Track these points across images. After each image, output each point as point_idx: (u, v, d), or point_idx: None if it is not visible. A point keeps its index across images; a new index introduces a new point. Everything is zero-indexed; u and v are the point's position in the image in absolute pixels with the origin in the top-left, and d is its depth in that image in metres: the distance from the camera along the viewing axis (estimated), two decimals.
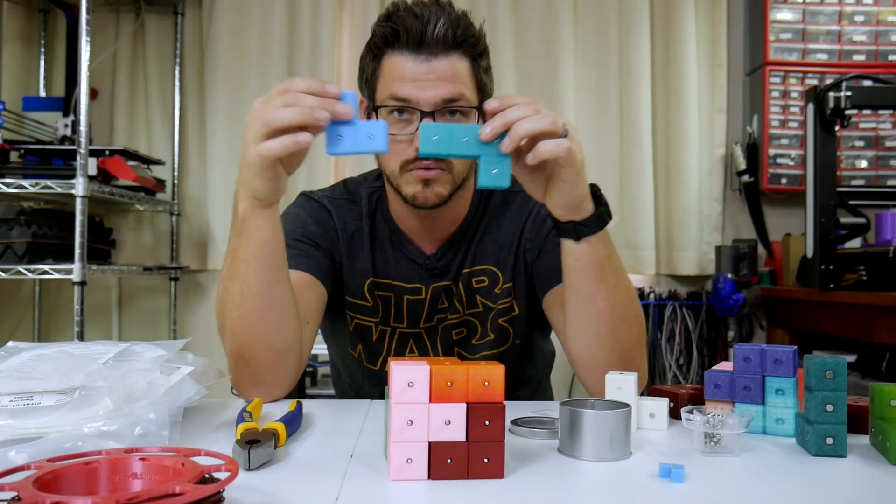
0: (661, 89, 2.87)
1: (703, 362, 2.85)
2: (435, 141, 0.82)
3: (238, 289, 0.93)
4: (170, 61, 2.80)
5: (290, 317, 0.97)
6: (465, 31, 1.04)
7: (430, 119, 1.01)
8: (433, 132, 0.82)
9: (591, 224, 0.92)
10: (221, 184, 2.73)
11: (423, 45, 1.02)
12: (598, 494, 0.63)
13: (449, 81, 1.02)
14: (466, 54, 1.05)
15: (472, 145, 0.82)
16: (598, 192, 0.94)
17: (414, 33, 1.01)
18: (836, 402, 0.73)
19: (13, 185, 2.08)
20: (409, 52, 1.02)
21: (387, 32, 1.03)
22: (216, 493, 0.52)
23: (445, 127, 0.83)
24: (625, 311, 0.98)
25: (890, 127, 2.83)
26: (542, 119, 0.82)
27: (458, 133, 0.82)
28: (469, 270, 1.16)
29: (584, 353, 1.01)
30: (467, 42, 1.04)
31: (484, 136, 0.82)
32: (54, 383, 0.73)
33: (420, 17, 1.01)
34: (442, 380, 0.64)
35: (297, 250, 1.10)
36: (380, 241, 1.18)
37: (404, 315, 1.16)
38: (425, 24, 1.01)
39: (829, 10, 2.83)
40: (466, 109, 1.05)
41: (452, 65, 1.03)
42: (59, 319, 2.79)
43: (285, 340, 0.97)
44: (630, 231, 2.83)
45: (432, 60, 1.02)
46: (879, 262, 2.13)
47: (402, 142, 1.04)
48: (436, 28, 1.01)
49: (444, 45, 1.02)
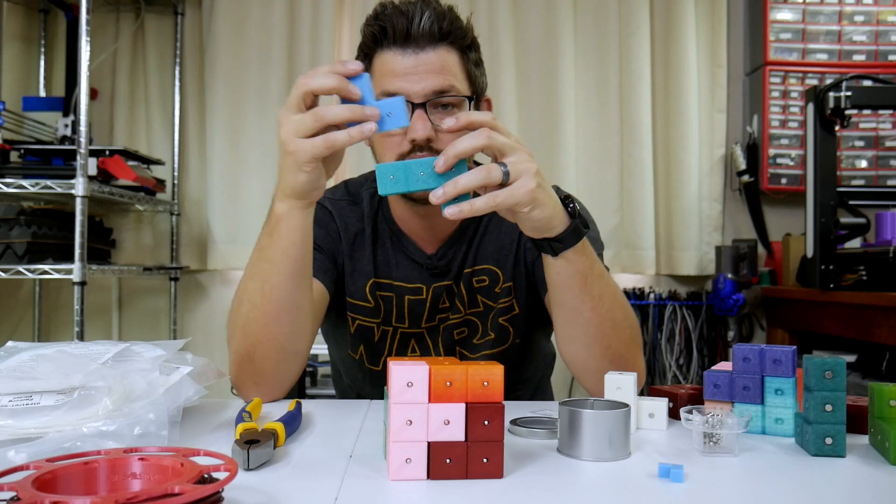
0: (661, 89, 2.87)
1: (703, 362, 2.85)
2: (392, 181, 0.82)
3: (259, 288, 0.94)
4: (170, 61, 2.80)
5: (306, 322, 0.98)
6: (451, 24, 1.05)
7: (421, 110, 1.02)
8: (389, 172, 0.82)
9: (566, 239, 0.91)
10: (221, 184, 2.73)
11: (410, 40, 1.03)
12: (598, 494, 0.63)
13: (438, 73, 1.03)
14: (454, 46, 1.06)
15: (431, 178, 0.83)
16: (570, 203, 0.93)
17: (400, 29, 1.03)
18: (835, 402, 0.73)
19: (13, 185, 2.08)
20: (398, 47, 1.04)
21: (375, 31, 1.05)
22: (215, 492, 0.52)
23: (400, 165, 0.83)
24: (613, 318, 0.98)
25: (890, 127, 2.83)
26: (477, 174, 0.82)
27: (415, 168, 0.83)
28: (470, 270, 1.16)
29: (577, 360, 1.02)
30: (454, 34, 1.05)
31: (438, 168, 0.82)
32: (54, 383, 0.73)
33: (406, 13, 1.03)
34: (441, 380, 0.64)
35: None
36: (381, 241, 1.18)
37: (406, 315, 1.16)
38: (411, 19, 1.02)
39: (829, 10, 2.83)
40: (457, 100, 1.05)
41: (441, 57, 1.04)
42: (59, 319, 2.79)
43: (297, 345, 0.98)
44: (630, 231, 2.82)
45: (420, 53, 1.03)
46: (879, 262, 2.13)
47: (395, 135, 1.04)
48: (421, 21, 1.02)
49: (430, 38, 1.03)
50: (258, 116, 2.73)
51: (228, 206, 2.73)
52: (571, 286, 0.95)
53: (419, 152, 1.03)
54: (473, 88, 1.09)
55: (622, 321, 1.00)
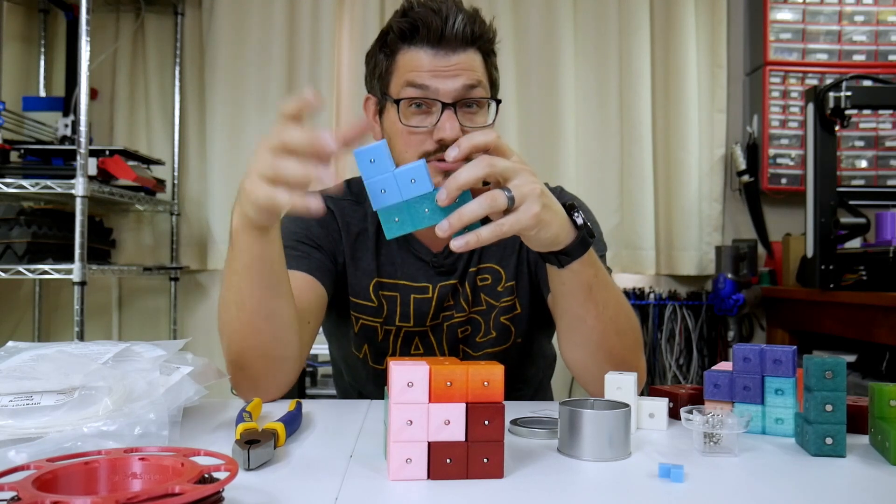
0: (661, 89, 2.87)
1: (703, 362, 2.85)
2: (398, 223, 0.80)
3: (234, 299, 0.92)
4: (170, 61, 2.80)
5: (287, 330, 0.96)
6: (481, 28, 1.05)
7: (450, 110, 1.01)
8: (393, 215, 0.80)
9: (572, 251, 0.90)
10: (221, 184, 2.73)
11: (443, 41, 1.02)
12: (598, 494, 0.63)
13: (467, 76, 1.03)
14: (481, 50, 1.07)
15: (436, 213, 0.80)
16: (575, 213, 0.90)
17: (434, 28, 1.02)
18: (835, 402, 0.73)
19: (13, 185, 2.08)
20: (429, 47, 1.03)
21: (404, 28, 1.03)
22: (215, 492, 0.52)
23: (403, 206, 0.79)
24: (616, 324, 0.98)
25: (890, 127, 2.83)
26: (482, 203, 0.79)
27: (417, 206, 0.80)
28: (475, 269, 1.17)
29: (580, 364, 1.02)
30: (483, 38, 1.06)
31: (441, 203, 0.79)
32: (54, 383, 0.73)
33: (438, 12, 1.02)
34: (441, 380, 0.64)
35: (300, 252, 1.11)
36: (385, 240, 1.18)
37: (411, 314, 1.16)
38: (444, 19, 1.02)
39: (829, 10, 2.83)
40: (482, 102, 1.05)
41: (470, 59, 1.05)
42: (59, 319, 2.79)
43: (282, 351, 0.97)
44: (630, 231, 2.83)
45: (451, 56, 1.03)
46: (879, 262, 2.13)
47: (420, 133, 1.03)
48: (455, 24, 1.02)
49: (462, 40, 1.03)
50: (258, 116, 2.73)
51: (228, 206, 2.72)
52: (576, 295, 0.95)
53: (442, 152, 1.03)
54: (493, 91, 1.10)
55: (625, 326, 1.00)
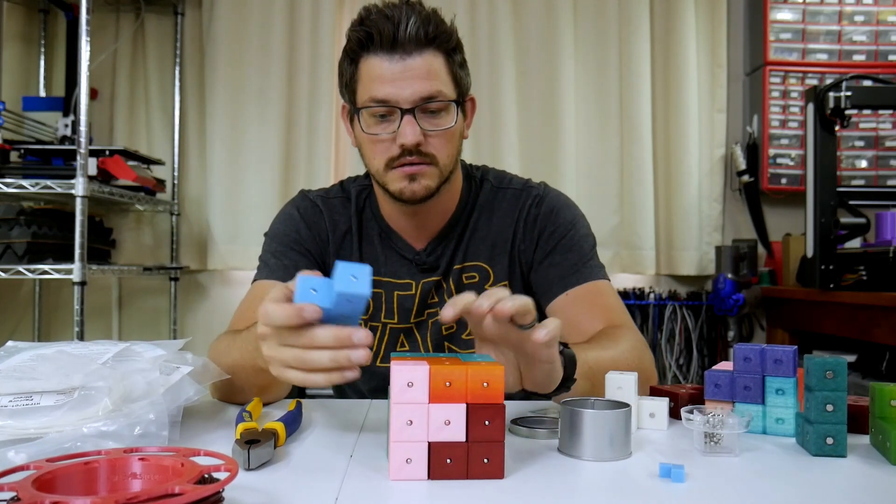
0: (661, 89, 2.87)
1: (703, 362, 2.85)
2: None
3: (230, 364, 0.92)
4: (170, 61, 2.80)
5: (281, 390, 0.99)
6: (436, 28, 1.05)
7: (410, 115, 1.03)
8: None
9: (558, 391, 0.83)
10: (221, 184, 2.73)
11: (397, 45, 1.03)
12: (598, 494, 0.63)
13: (425, 79, 1.04)
14: (440, 50, 1.07)
15: None
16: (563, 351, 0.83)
17: (387, 34, 1.03)
18: (836, 401, 0.73)
19: (13, 185, 2.08)
20: (385, 53, 1.04)
21: (361, 36, 1.05)
22: (216, 493, 0.51)
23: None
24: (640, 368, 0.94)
25: (890, 127, 2.83)
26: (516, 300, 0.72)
27: None
28: (460, 266, 1.18)
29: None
30: (440, 38, 1.06)
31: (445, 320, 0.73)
32: (54, 383, 0.73)
33: (391, 18, 1.03)
34: (441, 380, 0.64)
35: (288, 259, 1.15)
36: (369, 238, 1.20)
37: (395, 310, 1.18)
38: (397, 24, 1.02)
39: (829, 10, 2.83)
40: (444, 105, 1.06)
41: (427, 62, 1.05)
42: (59, 319, 2.79)
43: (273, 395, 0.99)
44: (630, 231, 2.82)
45: (407, 59, 1.04)
46: (879, 262, 2.13)
47: (384, 140, 1.06)
48: (407, 27, 1.03)
49: (416, 43, 1.04)
50: (258, 116, 2.73)
51: (228, 206, 2.73)
52: None
53: (408, 156, 1.04)
54: (459, 90, 1.10)
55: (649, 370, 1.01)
